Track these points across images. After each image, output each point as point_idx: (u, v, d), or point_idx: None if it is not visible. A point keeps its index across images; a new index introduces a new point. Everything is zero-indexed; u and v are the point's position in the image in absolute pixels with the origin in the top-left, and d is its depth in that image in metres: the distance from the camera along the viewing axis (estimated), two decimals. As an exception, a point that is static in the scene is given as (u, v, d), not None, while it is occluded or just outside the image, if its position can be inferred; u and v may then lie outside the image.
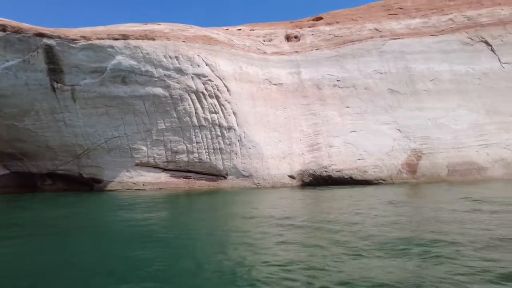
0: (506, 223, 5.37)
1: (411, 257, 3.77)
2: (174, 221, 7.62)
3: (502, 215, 6.00)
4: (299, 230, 5.66)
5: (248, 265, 3.79)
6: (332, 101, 16.41)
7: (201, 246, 4.91)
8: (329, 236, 5.04)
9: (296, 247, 4.57)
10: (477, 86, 15.69)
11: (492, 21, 17.60)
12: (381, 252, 4.01)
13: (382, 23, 18.85)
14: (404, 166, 13.99)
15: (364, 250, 4.07)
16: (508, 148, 13.70)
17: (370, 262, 3.66)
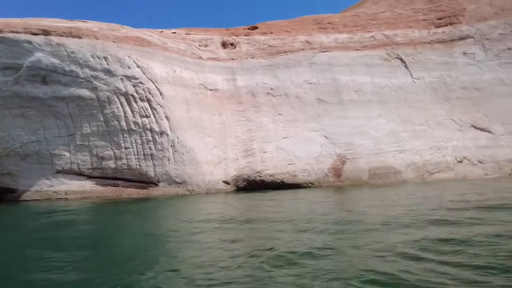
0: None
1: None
2: (88, 235, 7.13)
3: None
4: (222, 232, 5.68)
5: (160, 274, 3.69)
6: (266, 108, 16.88)
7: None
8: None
9: (215, 248, 4.58)
10: (394, 98, 17.41)
11: (406, 41, 19.76)
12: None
13: (313, 36, 20.00)
14: (331, 170, 14.88)
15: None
16: (418, 154, 15.38)
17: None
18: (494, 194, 8.66)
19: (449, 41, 20.11)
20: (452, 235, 4.42)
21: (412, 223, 5.38)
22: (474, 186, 11.12)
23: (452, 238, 4.23)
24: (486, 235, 4.23)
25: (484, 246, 3.81)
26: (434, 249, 3.82)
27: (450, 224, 5.19)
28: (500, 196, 8.34)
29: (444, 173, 14.98)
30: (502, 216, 5.67)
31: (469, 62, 18.95)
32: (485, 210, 6.29)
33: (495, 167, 15.26)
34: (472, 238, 4.15)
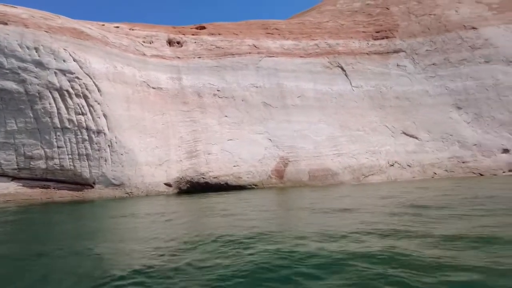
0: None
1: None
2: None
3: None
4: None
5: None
6: (212, 110, 16.78)
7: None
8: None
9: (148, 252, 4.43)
10: (334, 104, 18.34)
11: (346, 50, 20.96)
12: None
13: (260, 40, 20.35)
14: (274, 172, 15.23)
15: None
16: (355, 157, 16.37)
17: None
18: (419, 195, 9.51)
19: (385, 53, 21.73)
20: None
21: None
22: (403, 188, 12.12)
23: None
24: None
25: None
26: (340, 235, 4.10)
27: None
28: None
29: (377, 176, 16.11)
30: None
31: (402, 74, 20.64)
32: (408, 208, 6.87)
33: (420, 171, 16.77)
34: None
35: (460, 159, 17.10)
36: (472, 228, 4.62)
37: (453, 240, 3.98)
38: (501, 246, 3.65)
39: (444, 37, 21.56)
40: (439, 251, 3.59)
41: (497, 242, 3.78)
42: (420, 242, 4.00)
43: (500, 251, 3.47)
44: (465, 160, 17.08)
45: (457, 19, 22.14)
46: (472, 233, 4.25)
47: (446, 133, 17.90)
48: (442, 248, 3.73)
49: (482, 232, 4.29)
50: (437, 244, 3.90)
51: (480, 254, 3.44)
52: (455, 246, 3.77)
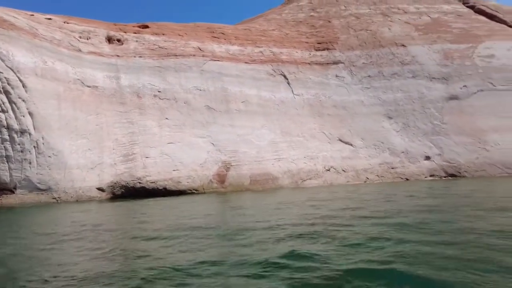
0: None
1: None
2: None
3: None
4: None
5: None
6: (152, 111, 16.22)
7: None
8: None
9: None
10: (277, 110, 18.80)
11: (290, 59, 21.66)
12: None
13: (205, 43, 20.20)
14: (215, 176, 15.12)
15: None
16: (294, 162, 16.90)
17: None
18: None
19: (325, 64, 22.84)
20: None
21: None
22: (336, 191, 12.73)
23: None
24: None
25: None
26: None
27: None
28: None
29: (315, 180, 16.79)
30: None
31: (340, 84, 21.84)
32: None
33: (354, 175, 17.82)
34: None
35: (389, 165, 18.50)
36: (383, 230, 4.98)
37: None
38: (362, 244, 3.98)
39: (378, 52, 23.29)
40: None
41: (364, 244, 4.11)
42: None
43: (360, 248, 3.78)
44: (394, 166, 18.51)
45: (390, 36, 24.08)
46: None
47: (378, 140, 19.26)
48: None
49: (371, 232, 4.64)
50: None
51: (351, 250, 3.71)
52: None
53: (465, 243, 3.91)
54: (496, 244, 3.73)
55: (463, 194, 9.97)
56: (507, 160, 18.02)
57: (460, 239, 4.13)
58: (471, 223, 5.14)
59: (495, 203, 7.35)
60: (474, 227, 4.75)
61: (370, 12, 26.43)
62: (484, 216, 5.72)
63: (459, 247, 3.73)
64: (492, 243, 3.77)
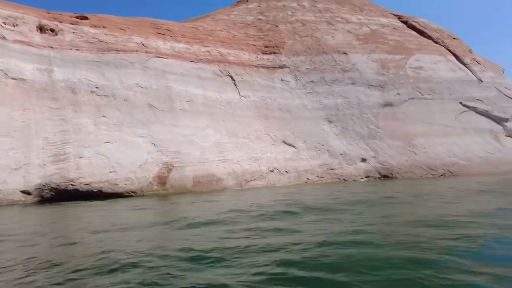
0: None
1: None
2: None
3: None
4: None
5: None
6: (88, 109, 15.20)
7: None
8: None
9: None
10: (223, 111, 18.72)
11: (237, 61, 21.73)
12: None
13: (149, 39, 19.46)
14: (156, 178, 14.59)
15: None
16: (239, 164, 16.95)
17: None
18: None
19: (271, 67, 23.29)
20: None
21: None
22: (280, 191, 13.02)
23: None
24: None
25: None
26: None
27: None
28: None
29: (259, 181, 17.00)
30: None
31: (285, 88, 22.41)
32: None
33: (296, 176, 18.37)
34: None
35: (329, 166, 19.37)
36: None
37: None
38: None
39: (322, 58, 24.31)
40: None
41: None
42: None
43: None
44: (333, 167, 19.43)
45: (333, 43, 25.27)
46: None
47: (318, 143, 20.08)
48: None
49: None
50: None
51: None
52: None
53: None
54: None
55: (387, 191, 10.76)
56: (432, 162, 19.86)
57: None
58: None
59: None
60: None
61: (315, 19, 27.51)
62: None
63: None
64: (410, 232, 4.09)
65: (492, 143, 21.89)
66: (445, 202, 8.37)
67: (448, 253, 3.70)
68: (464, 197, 9.36)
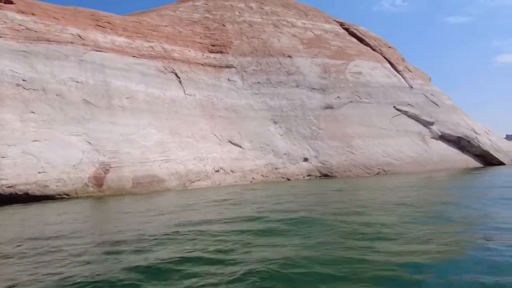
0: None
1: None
2: None
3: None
4: None
5: None
6: (13, 103, 13.78)
7: None
8: None
9: None
10: (166, 109, 18.16)
11: (182, 58, 21.24)
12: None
13: (87, 31, 18.24)
14: (91, 179, 13.70)
15: None
16: (182, 164, 16.56)
17: None
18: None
19: (218, 66, 23.15)
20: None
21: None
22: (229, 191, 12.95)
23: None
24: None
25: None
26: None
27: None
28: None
29: (203, 181, 16.77)
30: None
31: (231, 88, 22.41)
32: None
33: (242, 176, 18.46)
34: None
35: (273, 165, 19.77)
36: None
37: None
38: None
39: (268, 60, 24.74)
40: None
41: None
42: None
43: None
44: (277, 167, 19.86)
45: (279, 46, 25.84)
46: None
47: (264, 143, 20.40)
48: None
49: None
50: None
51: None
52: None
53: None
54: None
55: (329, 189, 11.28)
56: (368, 162, 21.24)
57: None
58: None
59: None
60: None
61: (262, 21, 27.90)
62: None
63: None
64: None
65: (420, 144, 24.03)
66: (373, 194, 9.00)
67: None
68: (386, 190, 10.17)
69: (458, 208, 6.91)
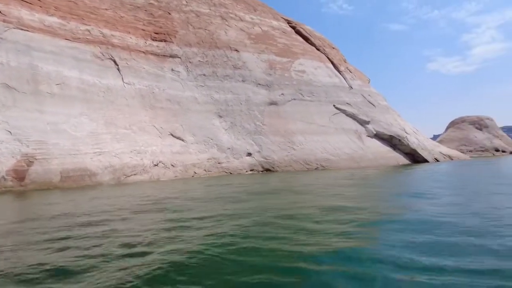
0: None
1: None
2: None
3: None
4: None
5: None
6: None
7: None
8: None
9: None
10: (101, 98, 17.06)
11: (122, 44, 20.06)
12: None
13: (10, 6, 16.37)
14: (10, 172, 12.41)
15: None
16: (117, 157, 15.72)
17: None
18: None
19: (161, 55, 22.28)
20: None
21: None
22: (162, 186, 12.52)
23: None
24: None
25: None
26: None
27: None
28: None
29: (140, 176, 16.10)
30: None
31: (175, 79, 21.74)
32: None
33: (183, 170, 18.07)
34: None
35: (216, 160, 19.65)
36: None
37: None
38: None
39: (214, 53, 24.40)
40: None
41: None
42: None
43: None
44: (220, 161, 19.77)
45: (226, 39, 25.59)
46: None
47: (208, 137, 20.16)
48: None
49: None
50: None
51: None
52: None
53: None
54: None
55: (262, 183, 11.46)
56: (307, 157, 22.04)
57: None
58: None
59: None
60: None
61: (210, 12, 27.37)
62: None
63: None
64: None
65: (356, 142, 25.52)
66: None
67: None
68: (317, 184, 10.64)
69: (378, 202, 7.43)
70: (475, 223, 4.65)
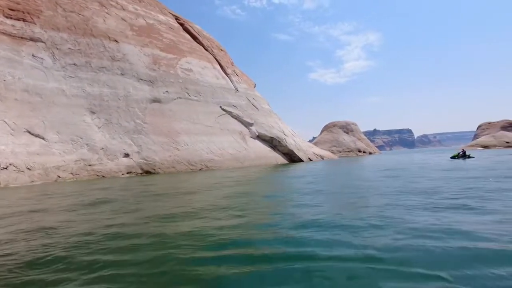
0: None
1: None
2: None
3: None
4: None
5: None
6: None
7: None
8: None
9: None
10: None
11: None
12: None
13: None
14: None
15: None
16: None
17: None
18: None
19: (18, 37, 18.81)
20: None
21: None
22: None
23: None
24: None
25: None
26: None
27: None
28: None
29: (-19, 181, 13.17)
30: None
31: (37, 66, 18.62)
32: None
33: (42, 174, 15.54)
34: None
35: (87, 162, 17.56)
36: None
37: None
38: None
39: (89, 41, 21.83)
40: None
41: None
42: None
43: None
44: (91, 163, 17.75)
45: (104, 28, 23.20)
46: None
47: (76, 135, 17.87)
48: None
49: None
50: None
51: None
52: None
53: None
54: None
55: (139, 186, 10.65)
56: (191, 158, 21.70)
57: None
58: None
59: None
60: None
61: (85, -5, 24.43)
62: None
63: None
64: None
65: (240, 142, 26.37)
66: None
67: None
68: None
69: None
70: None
